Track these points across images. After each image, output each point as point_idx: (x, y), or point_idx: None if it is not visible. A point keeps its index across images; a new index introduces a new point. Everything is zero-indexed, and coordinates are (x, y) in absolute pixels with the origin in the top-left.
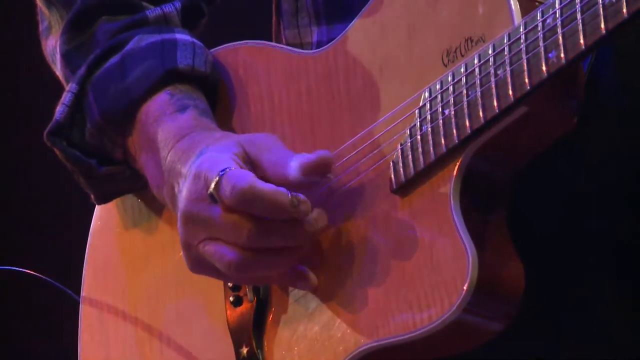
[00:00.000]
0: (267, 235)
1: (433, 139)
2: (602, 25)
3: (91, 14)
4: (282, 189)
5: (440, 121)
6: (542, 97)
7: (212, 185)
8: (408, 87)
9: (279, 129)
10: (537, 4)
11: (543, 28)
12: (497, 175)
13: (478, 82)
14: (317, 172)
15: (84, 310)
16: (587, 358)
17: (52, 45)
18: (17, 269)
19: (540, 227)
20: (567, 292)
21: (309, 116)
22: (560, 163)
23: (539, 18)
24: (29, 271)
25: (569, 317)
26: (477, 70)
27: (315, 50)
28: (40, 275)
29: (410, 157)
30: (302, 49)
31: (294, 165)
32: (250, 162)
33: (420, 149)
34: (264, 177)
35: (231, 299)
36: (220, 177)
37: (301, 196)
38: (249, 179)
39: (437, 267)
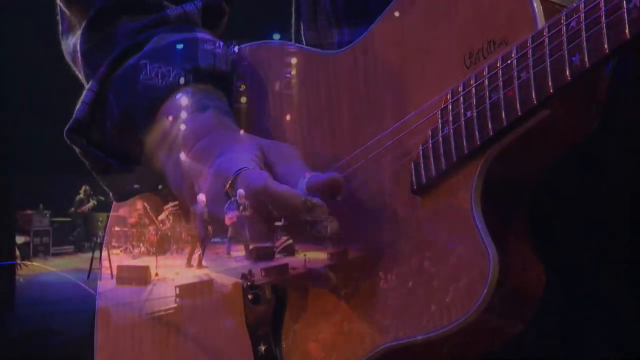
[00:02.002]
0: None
1: (455, 141)
2: (627, 30)
3: (112, 13)
4: (298, 191)
5: (462, 123)
6: (564, 100)
7: (228, 185)
8: (430, 88)
9: (298, 129)
10: (558, 7)
11: (567, 32)
12: (518, 177)
13: (501, 84)
14: (325, 193)
15: (100, 306)
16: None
17: (73, 45)
18: (30, 263)
19: (560, 229)
20: (582, 296)
21: (329, 116)
22: (581, 165)
23: (562, 21)
24: (44, 266)
25: (582, 321)
26: (499, 72)
27: (336, 51)
28: (55, 270)
29: (431, 158)
30: (322, 49)
31: (302, 184)
32: (267, 167)
33: (441, 150)
34: None
35: (249, 297)
36: (236, 176)
37: (317, 200)
38: (264, 179)
39: (457, 269)
